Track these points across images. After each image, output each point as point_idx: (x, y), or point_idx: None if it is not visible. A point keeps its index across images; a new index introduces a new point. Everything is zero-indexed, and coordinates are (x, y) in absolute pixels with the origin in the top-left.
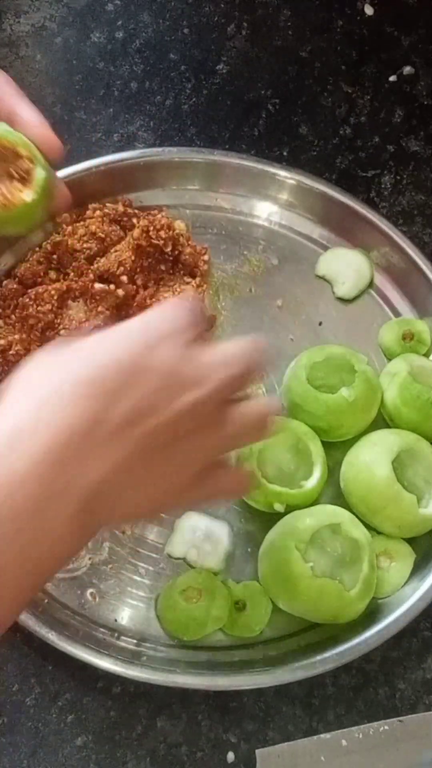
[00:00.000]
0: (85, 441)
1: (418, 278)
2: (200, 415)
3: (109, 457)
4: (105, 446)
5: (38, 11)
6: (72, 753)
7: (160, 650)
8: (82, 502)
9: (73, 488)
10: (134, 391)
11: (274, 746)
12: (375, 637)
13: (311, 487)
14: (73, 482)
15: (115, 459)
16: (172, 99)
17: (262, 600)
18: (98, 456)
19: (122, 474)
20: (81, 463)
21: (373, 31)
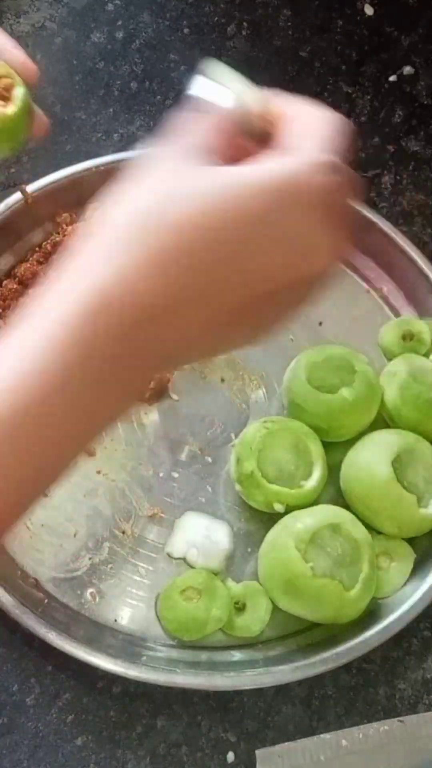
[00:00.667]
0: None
1: (418, 278)
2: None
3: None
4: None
5: (38, 11)
6: (72, 753)
7: (160, 650)
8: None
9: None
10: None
11: (274, 746)
12: (375, 637)
13: (311, 487)
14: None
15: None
16: (172, 99)
17: (262, 600)
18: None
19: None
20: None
21: (373, 31)
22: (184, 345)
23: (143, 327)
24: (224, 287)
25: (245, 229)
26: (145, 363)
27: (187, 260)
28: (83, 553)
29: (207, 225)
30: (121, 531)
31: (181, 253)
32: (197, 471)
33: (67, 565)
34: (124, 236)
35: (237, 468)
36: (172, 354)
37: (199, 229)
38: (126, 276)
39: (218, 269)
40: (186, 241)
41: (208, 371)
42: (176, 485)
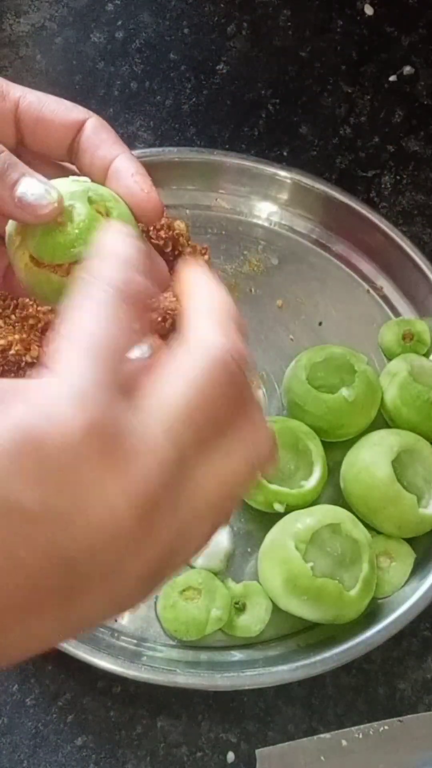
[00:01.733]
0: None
1: (418, 278)
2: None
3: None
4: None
5: (38, 11)
6: (72, 753)
7: (160, 650)
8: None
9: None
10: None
11: (274, 746)
12: (375, 637)
13: (311, 487)
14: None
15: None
16: (172, 99)
17: (262, 600)
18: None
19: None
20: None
21: (373, 31)
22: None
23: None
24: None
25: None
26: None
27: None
28: None
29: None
30: None
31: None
32: None
33: None
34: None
35: None
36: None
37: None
38: None
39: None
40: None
41: None
42: None
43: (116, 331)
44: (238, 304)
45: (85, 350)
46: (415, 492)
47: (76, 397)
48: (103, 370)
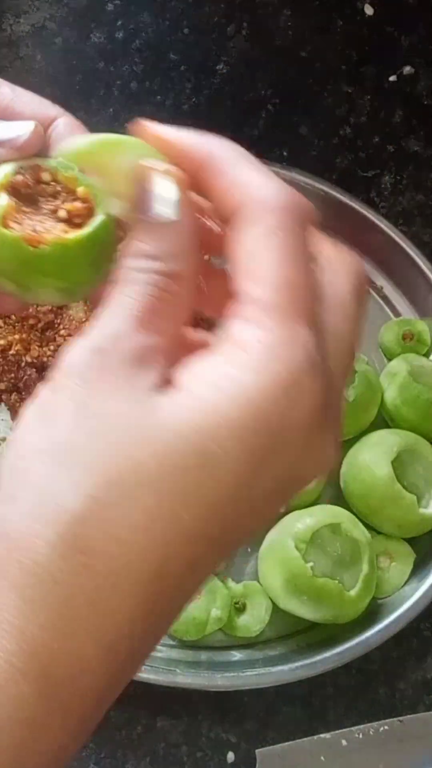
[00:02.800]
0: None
1: (418, 278)
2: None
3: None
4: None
5: (38, 11)
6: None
7: (160, 650)
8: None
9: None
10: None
11: (274, 746)
12: (375, 637)
13: (311, 487)
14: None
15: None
16: (172, 99)
17: (262, 600)
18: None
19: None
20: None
21: (373, 31)
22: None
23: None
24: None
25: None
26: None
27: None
28: None
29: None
30: None
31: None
32: None
33: None
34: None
35: None
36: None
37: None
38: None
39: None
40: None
41: None
42: None
43: (310, 272)
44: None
45: (294, 309)
46: (415, 492)
47: (310, 362)
48: (313, 326)
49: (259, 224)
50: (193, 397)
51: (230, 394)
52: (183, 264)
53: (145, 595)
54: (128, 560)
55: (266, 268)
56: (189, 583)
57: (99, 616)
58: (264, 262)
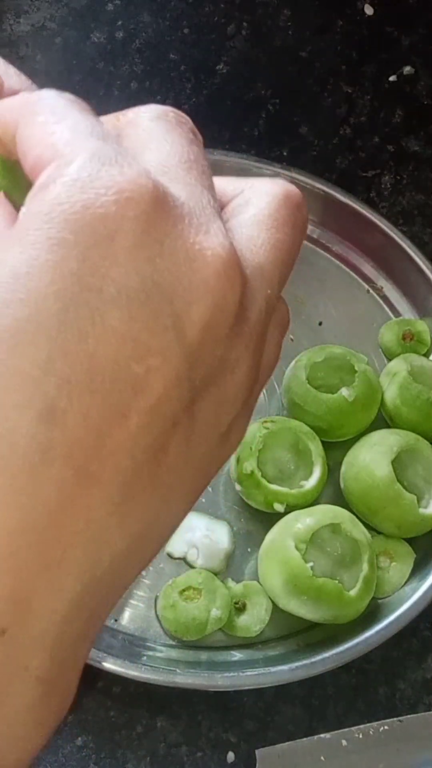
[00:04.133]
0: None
1: (418, 278)
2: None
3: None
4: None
5: (38, 11)
6: (72, 753)
7: (160, 650)
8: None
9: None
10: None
11: (274, 746)
12: (375, 637)
13: (311, 487)
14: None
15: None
16: (172, 99)
17: (262, 600)
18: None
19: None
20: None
21: (373, 31)
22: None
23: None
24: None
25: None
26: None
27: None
28: None
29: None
30: None
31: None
32: None
33: None
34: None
35: (237, 468)
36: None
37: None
38: None
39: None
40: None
41: None
42: None
43: (85, 114)
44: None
45: (77, 135)
46: (415, 492)
47: (103, 159)
48: (105, 141)
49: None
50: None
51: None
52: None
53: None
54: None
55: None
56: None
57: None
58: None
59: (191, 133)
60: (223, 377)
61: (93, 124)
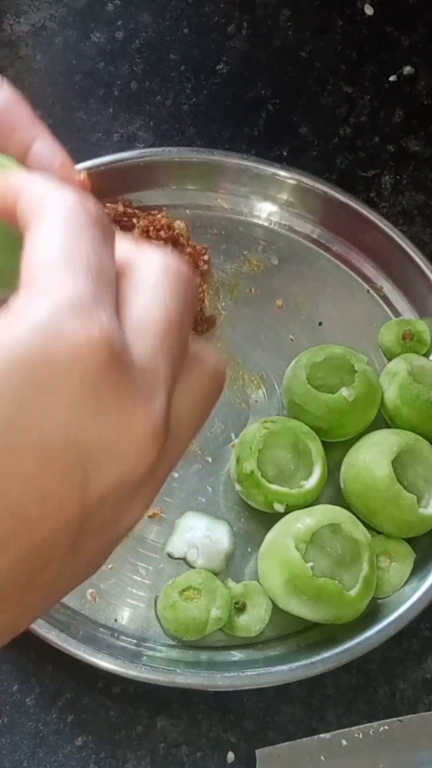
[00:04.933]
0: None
1: (418, 278)
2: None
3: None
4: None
5: (38, 11)
6: (72, 753)
7: (160, 650)
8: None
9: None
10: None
11: (274, 746)
12: (375, 637)
13: (311, 487)
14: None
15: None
16: (172, 99)
17: (262, 600)
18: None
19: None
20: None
21: (373, 31)
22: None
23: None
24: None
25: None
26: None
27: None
28: None
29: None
30: None
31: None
32: (197, 471)
33: None
34: None
35: (237, 468)
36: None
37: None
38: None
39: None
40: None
41: None
42: (176, 485)
43: (96, 245)
44: (238, 304)
45: (68, 266)
46: (415, 492)
47: (76, 308)
48: (94, 284)
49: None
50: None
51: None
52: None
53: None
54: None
55: (47, 242)
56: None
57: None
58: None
59: (192, 295)
60: (116, 522)
61: (92, 256)
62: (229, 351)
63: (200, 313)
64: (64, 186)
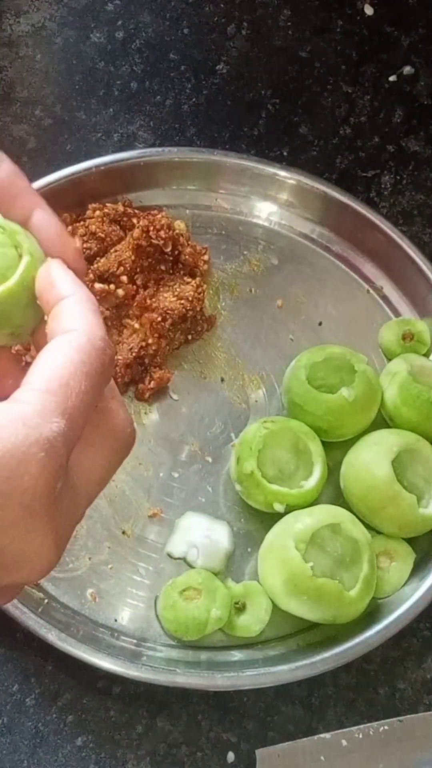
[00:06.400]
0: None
1: (418, 278)
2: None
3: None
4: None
5: (38, 11)
6: (72, 753)
7: (160, 650)
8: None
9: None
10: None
11: (274, 746)
12: (375, 637)
13: (311, 487)
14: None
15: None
16: (172, 99)
17: (262, 600)
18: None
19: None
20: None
21: (373, 31)
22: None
23: None
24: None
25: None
26: None
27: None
28: (83, 553)
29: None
30: (121, 531)
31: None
32: (197, 471)
33: (67, 565)
34: None
35: (237, 468)
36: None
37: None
38: None
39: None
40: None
41: (208, 371)
42: (176, 485)
43: (88, 390)
44: (238, 304)
45: (56, 405)
46: (415, 492)
47: (46, 449)
48: (68, 427)
49: (65, 344)
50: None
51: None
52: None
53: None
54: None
55: (47, 366)
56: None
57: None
58: (49, 362)
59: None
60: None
61: (79, 398)
62: (229, 351)
63: (200, 313)
64: (93, 314)
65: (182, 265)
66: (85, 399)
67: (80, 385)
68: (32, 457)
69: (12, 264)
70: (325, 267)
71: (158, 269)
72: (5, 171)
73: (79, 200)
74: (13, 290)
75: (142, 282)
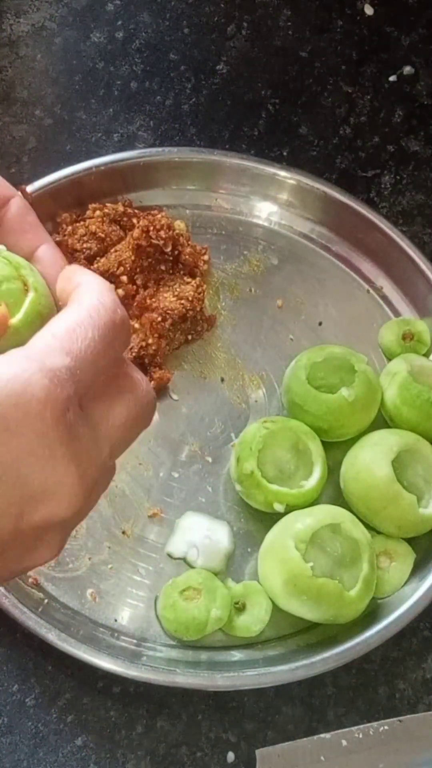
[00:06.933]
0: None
1: (418, 278)
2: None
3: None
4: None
5: (38, 11)
6: (72, 753)
7: (160, 650)
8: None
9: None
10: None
11: (274, 746)
12: (375, 637)
13: (311, 487)
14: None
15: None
16: (172, 99)
17: (262, 600)
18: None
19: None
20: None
21: (373, 31)
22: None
23: None
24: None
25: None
26: None
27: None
28: (83, 553)
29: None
30: (121, 531)
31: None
32: (197, 471)
33: (67, 565)
34: None
35: (237, 468)
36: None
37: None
38: None
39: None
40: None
41: (208, 371)
42: (176, 485)
43: (97, 343)
44: (238, 304)
45: (63, 345)
46: (415, 492)
47: (52, 377)
48: (75, 365)
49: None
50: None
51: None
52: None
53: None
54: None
55: (53, 321)
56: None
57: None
58: (56, 318)
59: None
60: (32, 553)
61: (90, 349)
62: (229, 351)
63: (200, 313)
64: (106, 287)
65: (182, 265)
66: (94, 348)
67: (87, 333)
68: (37, 383)
69: (18, 299)
70: (325, 267)
71: (158, 269)
72: (16, 206)
73: (79, 200)
74: (18, 328)
75: (142, 282)
